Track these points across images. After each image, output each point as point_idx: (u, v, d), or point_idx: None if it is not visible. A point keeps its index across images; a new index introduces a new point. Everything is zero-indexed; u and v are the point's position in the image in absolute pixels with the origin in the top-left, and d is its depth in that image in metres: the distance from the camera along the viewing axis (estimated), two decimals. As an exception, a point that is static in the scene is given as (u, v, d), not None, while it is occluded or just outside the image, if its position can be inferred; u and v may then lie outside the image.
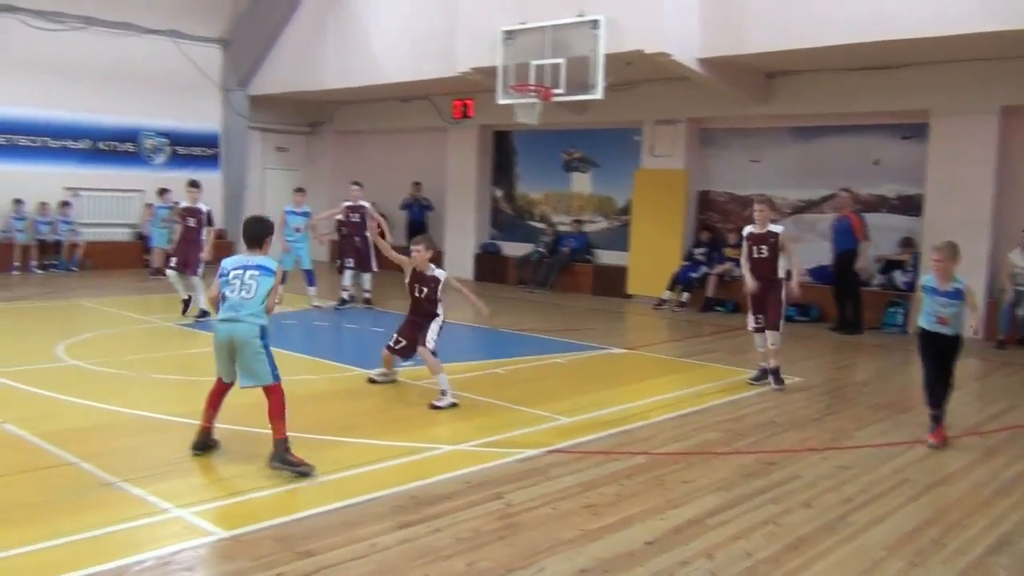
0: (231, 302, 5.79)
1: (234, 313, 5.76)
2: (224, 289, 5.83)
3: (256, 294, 5.80)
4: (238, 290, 5.80)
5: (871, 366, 10.57)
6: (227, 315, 5.78)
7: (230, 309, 5.78)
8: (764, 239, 8.82)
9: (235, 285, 5.81)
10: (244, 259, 5.94)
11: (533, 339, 11.59)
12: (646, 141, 16.13)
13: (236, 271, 5.86)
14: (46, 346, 9.70)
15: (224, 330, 5.78)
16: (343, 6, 18.15)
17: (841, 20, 11.29)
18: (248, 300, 5.78)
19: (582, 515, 5.09)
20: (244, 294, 5.79)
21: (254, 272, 5.85)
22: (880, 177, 13.90)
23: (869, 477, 5.99)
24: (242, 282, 5.81)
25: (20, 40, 17.13)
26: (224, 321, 5.79)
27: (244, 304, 5.78)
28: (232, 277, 5.84)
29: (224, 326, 5.79)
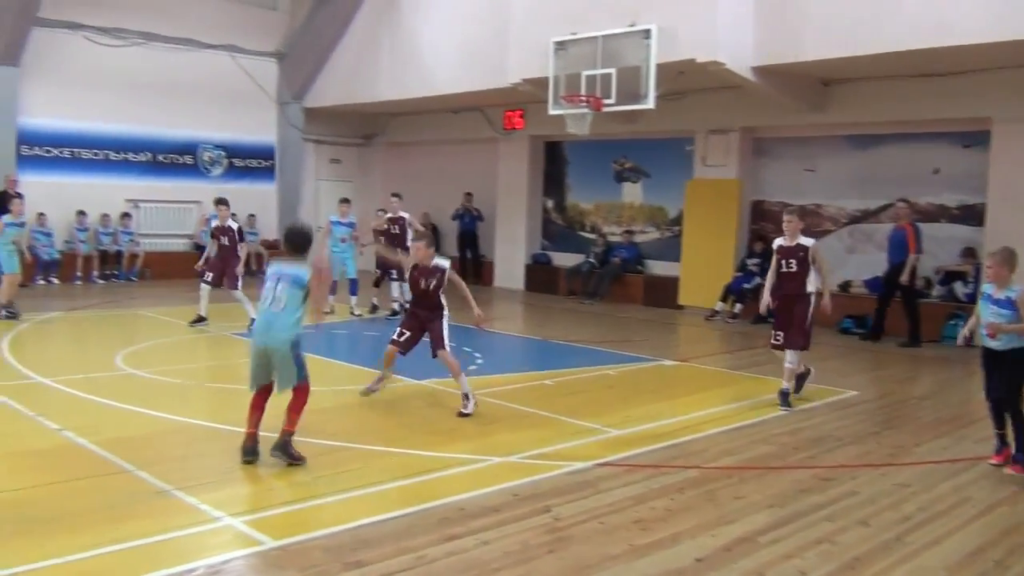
0: (265, 317, 6.00)
1: (267, 330, 5.96)
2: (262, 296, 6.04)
3: (285, 308, 5.93)
4: (269, 302, 5.97)
5: (931, 379, 10.30)
6: (261, 330, 6.02)
7: (264, 325, 6.00)
8: (794, 252, 8.36)
9: (267, 296, 5.99)
10: (280, 268, 6.08)
11: (583, 350, 11.52)
12: (698, 151, 15.97)
13: (270, 282, 6.03)
14: (105, 355, 9.91)
15: (259, 343, 6.01)
16: (396, 20, 18.33)
17: (901, 26, 11.03)
18: (278, 314, 5.93)
19: (631, 530, 5.02)
20: (273, 308, 5.94)
21: (284, 285, 5.97)
22: (940, 186, 13.57)
23: (929, 495, 5.82)
24: (274, 295, 5.96)
25: (84, 56, 17.62)
26: (259, 335, 6.02)
27: (276, 320, 5.93)
28: (267, 288, 6.03)
29: (259, 339, 6.02)
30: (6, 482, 5.58)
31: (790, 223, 8.47)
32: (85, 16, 17.54)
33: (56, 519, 4.88)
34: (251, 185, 20.64)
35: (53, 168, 17.61)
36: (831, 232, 14.80)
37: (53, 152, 17.73)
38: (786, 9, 12.15)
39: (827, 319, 9.01)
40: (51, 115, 17.49)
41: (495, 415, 7.75)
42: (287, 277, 5.98)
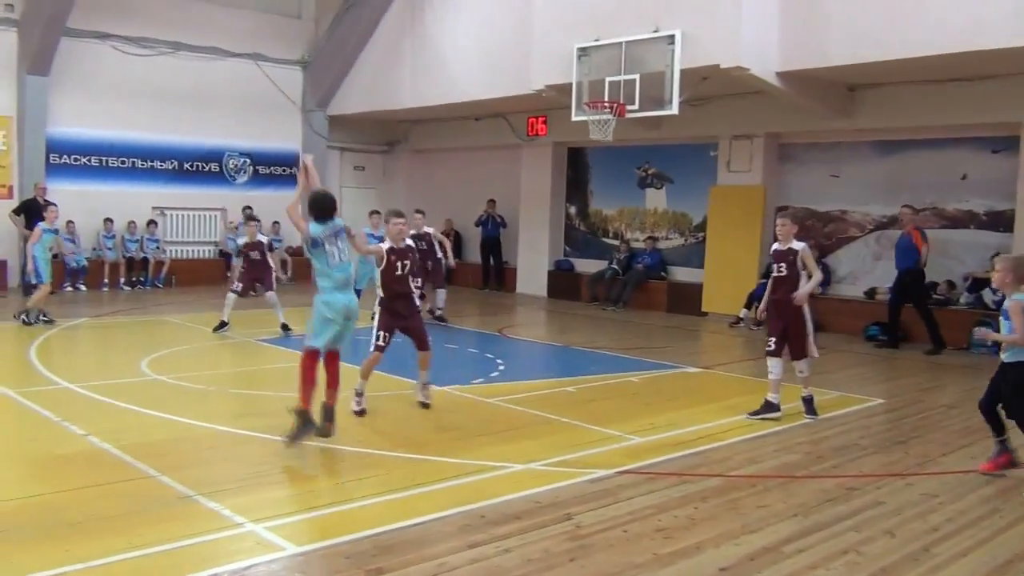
0: (341, 271, 6.43)
1: (347, 286, 6.47)
2: (320, 260, 6.42)
3: (348, 258, 6.49)
4: (337, 256, 6.44)
5: (958, 388, 10.15)
6: (343, 285, 6.45)
7: (345, 281, 6.45)
8: (785, 256, 8.19)
9: (333, 253, 6.43)
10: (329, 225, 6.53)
11: (606, 357, 11.48)
12: (722, 156, 15.89)
13: (328, 237, 6.46)
14: (131, 361, 10.00)
15: (343, 300, 6.42)
16: (419, 28, 18.40)
17: (928, 30, 10.90)
18: (347, 265, 6.46)
19: (654, 538, 4.98)
20: (342, 258, 6.45)
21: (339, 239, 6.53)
22: (968, 192, 13.41)
23: (956, 505, 5.73)
24: (338, 248, 6.46)
25: (112, 65, 17.84)
26: (342, 291, 6.43)
27: (348, 270, 6.47)
28: (327, 245, 6.43)
29: (342, 296, 6.42)
30: (32, 487, 5.64)
31: (783, 227, 8.32)
32: (113, 26, 17.77)
33: (81, 524, 4.92)
34: (276, 192, 20.75)
35: (81, 176, 17.83)
36: (857, 238, 14.68)
37: (81, 160, 17.95)
38: (811, 14, 12.05)
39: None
40: (79, 124, 17.72)
41: (517, 422, 7.73)
42: (339, 231, 6.55)
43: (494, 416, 7.93)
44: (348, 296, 6.49)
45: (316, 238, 6.44)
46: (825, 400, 8.96)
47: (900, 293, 12.62)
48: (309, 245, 6.53)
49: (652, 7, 12.71)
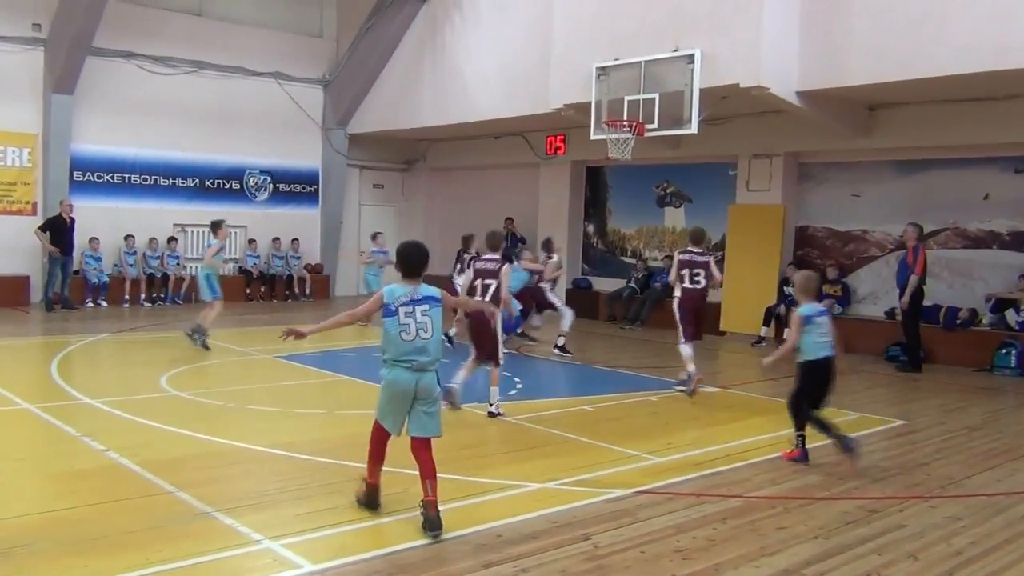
0: (415, 345, 5.26)
1: (424, 359, 5.29)
2: (395, 328, 5.26)
3: (434, 333, 5.33)
4: (414, 331, 5.26)
5: (982, 409, 10.02)
6: (413, 360, 5.26)
7: (416, 353, 5.26)
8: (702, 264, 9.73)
9: (409, 324, 5.26)
10: (410, 290, 5.35)
11: (624, 376, 11.43)
12: (741, 175, 15.86)
13: (405, 307, 5.29)
14: (151, 377, 10.05)
15: (410, 379, 5.27)
16: (439, 47, 18.52)
17: (949, 50, 10.84)
18: (429, 341, 5.31)
19: (672, 559, 4.93)
20: (423, 334, 5.29)
21: (425, 307, 5.33)
22: (991, 212, 13.30)
23: (981, 529, 5.64)
24: (415, 320, 5.28)
25: (136, 84, 18.07)
26: (409, 368, 5.27)
27: (428, 347, 5.31)
28: (404, 315, 5.27)
29: (409, 374, 5.27)
30: (52, 502, 5.66)
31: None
32: (138, 45, 18.01)
33: (99, 539, 4.93)
34: (295, 210, 20.92)
35: (104, 193, 18.03)
36: (878, 258, 14.58)
37: (104, 177, 18.15)
38: (832, 33, 12.04)
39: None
40: (103, 142, 17.93)
41: (534, 440, 7.70)
42: (424, 299, 5.35)
43: (511, 434, 7.90)
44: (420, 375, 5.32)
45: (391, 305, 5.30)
46: (846, 421, 8.87)
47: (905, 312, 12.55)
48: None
49: (672, 26, 12.74)
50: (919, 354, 12.52)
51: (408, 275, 5.43)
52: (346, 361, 11.93)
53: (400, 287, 5.37)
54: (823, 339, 7.17)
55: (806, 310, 7.22)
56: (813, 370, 7.23)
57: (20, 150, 17.14)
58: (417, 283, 5.41)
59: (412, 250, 5.52)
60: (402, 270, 5.47)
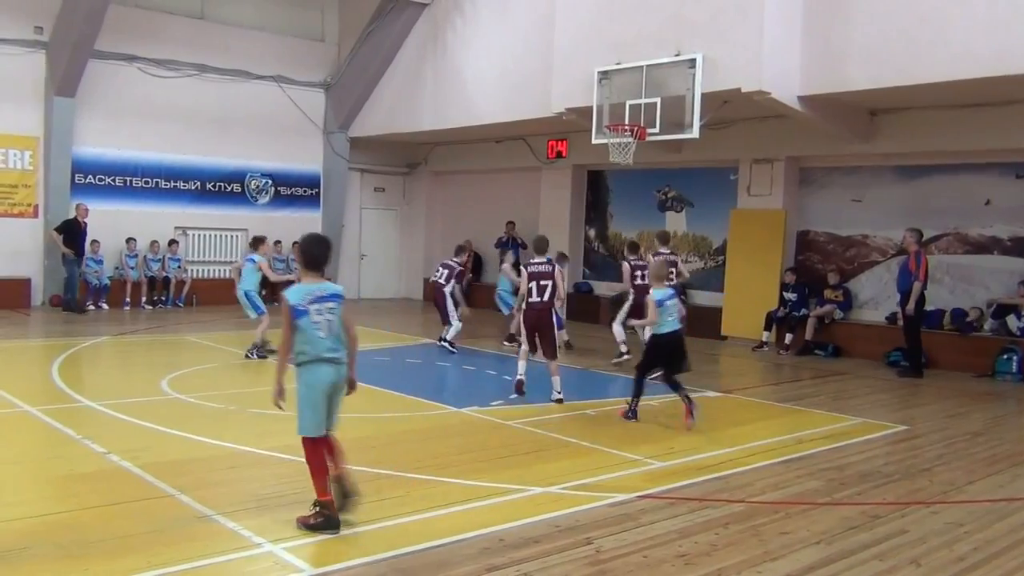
0: (331, 341, 5.28)
1: (340, 353, 5.33)
2: (309, 327, 5.22)
3: (336, 329, 5.34)
4: (327, 327, 5.26)
5: (984, 415, 10.01)
6: (333, 354, 5.29)
7: (334, 348, 5.29)
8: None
9: (321, 321, 5.24)
10: (315, 289, 5.32)
11: (625, 380, 11.40)
12: (743, 180, 15.86)
13: (315, 304, 5.25)
14: (151, 380, 10.04)
15: (333, 372, 5.30)
16: (440, 51, 18.54)
17: (952, 55, 10.86)
18: (339, 336, 5.34)
19: (675, 564, 4.92)
20: (333, 329, 5.30)
21: (332, 304, 5.33)
22: (992, 217, 13.30)
23: (983, 535, 5.63)
24: (325, 316, 5.27)
25: (138, 87, 18.08)
26: (331, 362, 5.29)
27: (339, 341, 5.34)
28: (315, 312, 5.24)
29: (332, 368, 5.30)
30: (53, 505, 5.65)
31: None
32: (140, 49, 18.02)
33: (100, 542, 4.92)
34: (296, 213, 20.91)
35: (105, 196, 18.01)
36: (879, 263, 14.58)
37: (106, 180, 18.15)
38: (833, 38, 12.05)
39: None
40: (104, 144, 17.94)
41: (536, 444, 7.69)
42: (330, 296, 5.34)
43: (513, 439, 7.89)
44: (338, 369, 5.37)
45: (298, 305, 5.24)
46: (848, 427, 8.89)
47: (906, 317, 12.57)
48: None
49: (673, 31, 12.75)
50: (921, 359, 12.52)
51: (312, 267, 5.40)
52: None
53: (305, 285, 5.34)
54: (671, 318, 8.66)
55: (658, 295, 8.66)
56: (661, 342, 8.74)
57: (22, 153, 17.14)
58: (321, 278, 5.40)
59: (316, 243, 5.49)
60: (305, 263, 5.43)
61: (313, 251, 5.43)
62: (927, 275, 12.33)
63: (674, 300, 8.79)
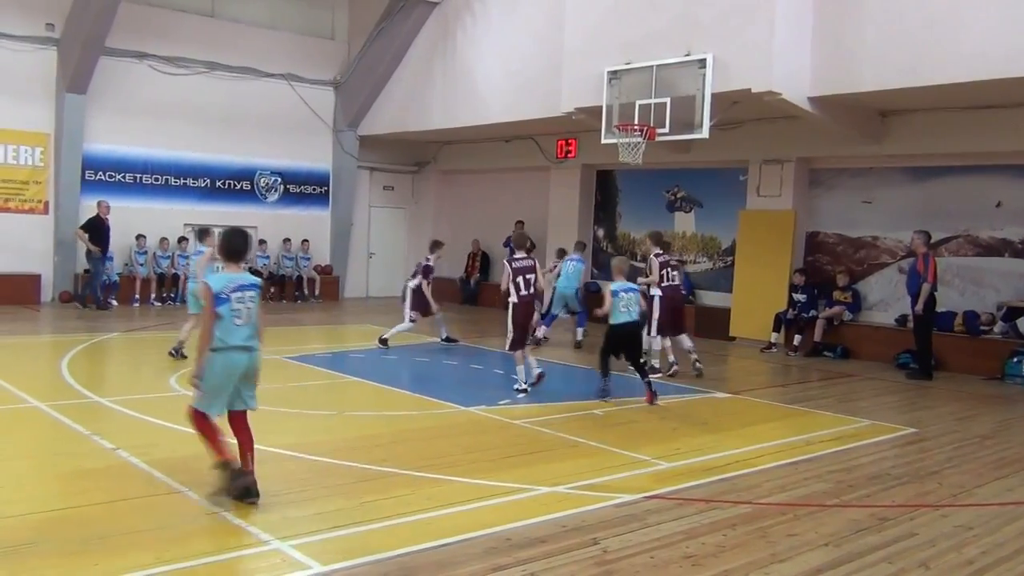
0: (247, 329, 5.59)
1: (254, 341, 5.66)
2: (228, 315, 5.51)
3: (254, 319, 5.65)
4: (245, 315, 5.57)
5: (994, 418, 9.97)
6: (247, 342, 5.60)
7: (248, 336, 5.61)
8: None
9: (240, 309, 5.55)
10: (236, 278, 5.64)
11: (633, 380, 11.39)
12: (752, 181, 15.82)
13: (236, 293, 5.55)
14: (160, 376, 10.07)
15: (244, 359, 5.60)
16: (450, 50, 18.55)
17: (963, 57, 10.81)
18: (254, 324, 5.66)
19: (682, 565, 4.91)
20: (250, 318, 5.62)
21: (252, 293, 5.64)
22: (1003, 220, 13.24)
23: (992, 538, 5.61)
24: (245, 305, 5.58)
25: (148, 84, 18.14)
26: (243, 349, 5.59)
27: (254, 330, 5.66)
28: (235, 300, 5.53)
29: (244, 355, 5.59)
30: (61, 500, 5.67)
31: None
32: (151, 46, 18.08)
33: (108, 538, 4.94)
34: (306, 211, 20.97)
35: (115, 192, 18.04)
36: (888, 265, 14.53)
37: (116, 177, 18.21)
38: (844, 39, 12.01)
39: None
40: (115, 141, 18.00)
41: (543, 444, 7.69)
42: (250, 286, 5.65)
43: (520, 438, 7.89)
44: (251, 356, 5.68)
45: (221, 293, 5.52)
46: (856, 429, 8.87)
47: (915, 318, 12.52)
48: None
49: (684, 31, 12.72)
50: (930, 362, 12.47)
51: (232, 259, 5.76)
52: (355, 362, 11.95)
53: (226, 275, 5.68)
54: (626, 309, 9.42)
55: (616, 286, 9.45)
56: (616, 331, 9.51)
57: (32, 149, 17.22)
58: (240, 269, 5.77)
59: (237, 236, 5.86)
60: (225, 255, 5.78)
61: (234, 243, 5.80)
62: (936, 277, 12.28)
63: (632, 294, 9.51)
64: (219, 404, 5.63)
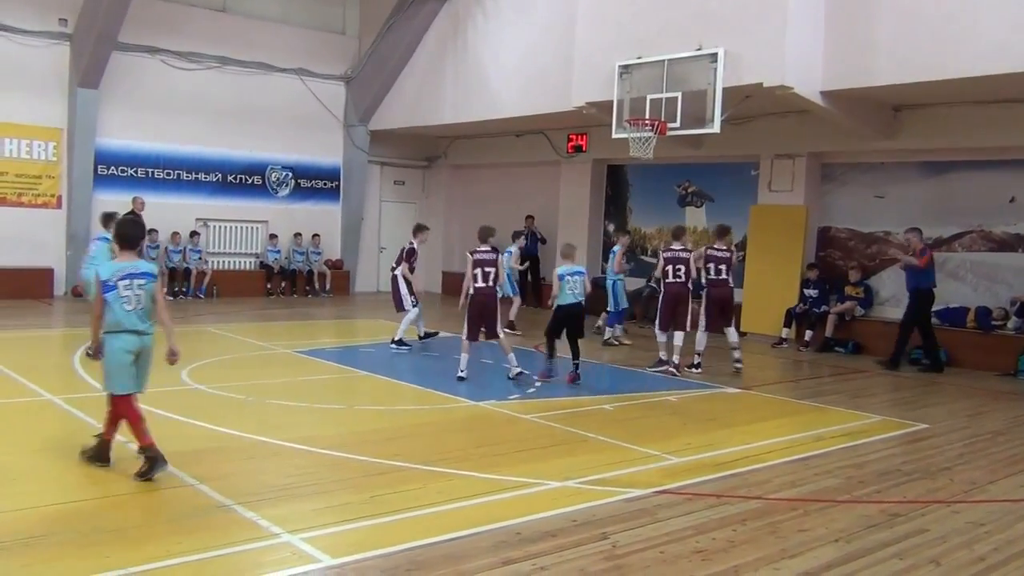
0: (136, 314, 5.97)
1: (143, 326, 6.03)
2: (115, 301, 5.91)
3: (146, 304, 6.02)
4: (134, 302, 5.95)
5: (1006, 415, 9.91)
6: (136, 327, 5.99)
7: (137, 321, 5.99)
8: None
9: (129, 296, 5.93)
10: (126, 267, 6.01)
11: (643, 376, 11.40)
12: (764, 176, 15.76)
13: (124, 280, 5.94)
14: (171, 370, 10.06)
15: (135, 342, 6.00)
16: (461, 44, 18.54)
17: (977, 51, 10.72)
18: (145, 310, 6.02)
19: (691, 560, 4.91)
20: (139, 305, 5.98)
21: (142, 281, 6.01)
22: (1016, 215, 13.14)
23: (1004, 535, 5.58)
24: (134, 292, 5.95)
25: (160, 79, 18.19)
26: (133, 333, 5.98)
27: (145, 315, 6.03)
28: (123, 288, 5.92)
29: (134, 338, 5.99)
30: (73, 493, 5.71)
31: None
32: (163, 41, 18.13)
33: (120, 531, 4.97)
34: (316, 205, 21.01)
35: (127, 187, 18.10)
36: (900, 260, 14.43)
37: (128, 172, 18.27)
38: (857, 33, 11.93)
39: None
40: (127, 136, 18.06)
41: (553, 439, 7.69)
42: (141, 275, 6.02)
43: (530, 433, 7.89)
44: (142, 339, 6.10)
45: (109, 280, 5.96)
46: (867, 424, 8.83)
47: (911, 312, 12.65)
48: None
49: (695, 25, 12.68)
50: (939, 355, 12.45)
51: (125, 247, 6.15)
52: (365, 356, 11.98)
53: (117, 263, 6.09)
54: (572, 291, 10.13)
55: (561, 270, 10.23)
56: (561, 313, 10.22)
57: (45, 144, 17.30)
58: (134, 257, 6.14)
59: (130, 225, 6.41)
60: (119, 243, 6.19)
61: (127, 232, 6.27)
62: (930, 267, 12.38)
63: (577, 277, 10.20)
64: (125, 383, 6.05)
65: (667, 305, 11.61)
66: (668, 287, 11.72)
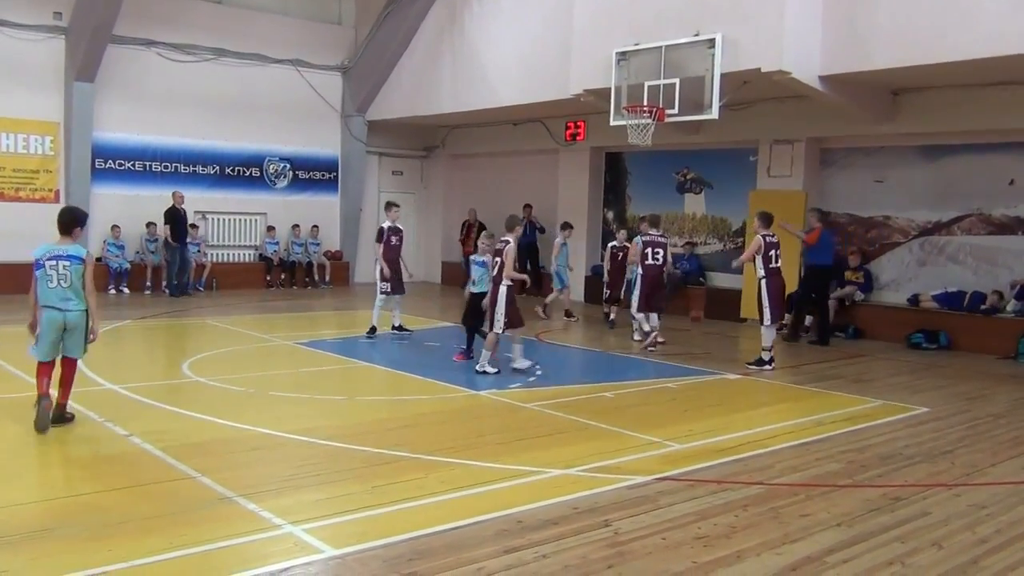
0: (58, 291, 6.75)
1: (67, 304, 6.79)
2: (41, 278, 6.74)
3: (73, 283, 6.78)
4: (56, 280, 6.74)
5: (1007, 397, 9.92)
6: (59, 303, 6.77)
7: (60, 298, 6.77)
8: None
9: (52, 275, 6.74)
10: (55, 249, 6.83)
11: (643, 363, 11.40)
12: (762, 161, 15.73)
13: (50, 261, 6.75)
14: (173, 363, 10.13)
15: (59, 316, 6.78)
16: (458, 33, 18.48)
17: (976, 34, 10.69)
18: (69, 289, 6.77)
19: (693, 546, 4.92)
20: (63, 283, 6.75)
21: (67, 263, 6.77)
22: (1016, 198, 13.12)
23: (1006, 517, 5.59)
24: (58, 272, 6.74)
25: (156, 72, 18.15)
26: (57, 308, 6.76)
27: (69, 293, 6.78)
28: (48, 267, 6.73)
29: (58, 313, 6.77)
30: (76, 486, 5.73)
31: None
32: (159, 33, 18.08)
33: (123, 523, 4.97)
34: (315, 196, 20.98)
35: (125, 181, 18.13)
36: (900, 244, 14.44)
37: (125, 165, 18.24)
38: (855, 17, 11.89)
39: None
40: (124, 129, 18.02)
41: (555, 427, 7.70)
42: (66, 256, 6.78)
43: (532, 421, 7.90)
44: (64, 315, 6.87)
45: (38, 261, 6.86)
46: (868, 408, 8.84)
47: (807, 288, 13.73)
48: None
49: (693, 11, 12.63)
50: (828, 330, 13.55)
51: (62, 232, 6.99)
52: (365, 347, 11.98)
53: (49, 245, 6.89)
54: (480, 280, 10.54)
55: (476, 260, 10.78)
56: (476, 298, 10.57)
57: (42, 138, 17.26)
58: (67, 241, 6.94)
59: (66, 213, 7.20)
60: (58, 228, 7.00)
61: (62, 219, 7.07)
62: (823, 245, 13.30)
63: (481, 268, 10.58)
64: (42, 351, 6.89)
65: (645, 287, 12.34)
66: (647, 270, 12.40)
